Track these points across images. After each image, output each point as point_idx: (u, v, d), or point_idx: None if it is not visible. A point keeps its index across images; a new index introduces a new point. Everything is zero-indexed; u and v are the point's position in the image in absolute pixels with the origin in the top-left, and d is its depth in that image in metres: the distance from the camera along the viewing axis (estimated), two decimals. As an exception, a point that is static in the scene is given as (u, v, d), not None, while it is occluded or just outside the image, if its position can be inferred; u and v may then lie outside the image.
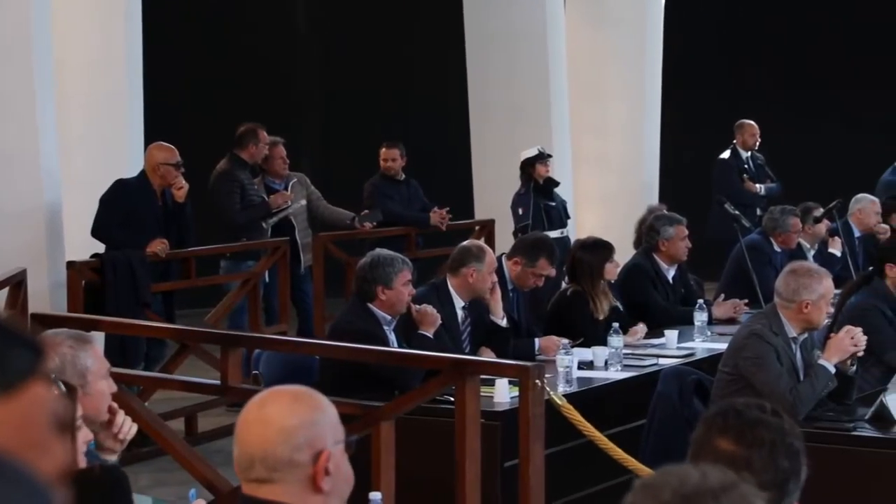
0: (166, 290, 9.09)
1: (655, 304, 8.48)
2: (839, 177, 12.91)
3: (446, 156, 14.40)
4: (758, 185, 12.18)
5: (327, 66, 16.37)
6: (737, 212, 9.35)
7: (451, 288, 7.11)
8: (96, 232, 8.81)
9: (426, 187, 11.59)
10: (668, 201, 10.92)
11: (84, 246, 8.83)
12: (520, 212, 10.68)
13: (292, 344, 6.90)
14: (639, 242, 9.19)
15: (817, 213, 10.08)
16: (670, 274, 8.73)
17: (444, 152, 14.51)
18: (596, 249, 7.91)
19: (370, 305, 6.46)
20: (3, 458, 1.35)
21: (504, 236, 10.89)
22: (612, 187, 13.23)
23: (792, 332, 6.00)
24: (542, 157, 10.84)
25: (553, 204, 10.86)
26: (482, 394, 5.55)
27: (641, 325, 7.93)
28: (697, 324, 8.04)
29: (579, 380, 6.70)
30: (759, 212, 11.67)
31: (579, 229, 12.18)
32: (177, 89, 14.03)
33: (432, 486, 5.78)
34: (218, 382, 6.05)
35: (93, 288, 8.54)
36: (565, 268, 8.22)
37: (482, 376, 5.59)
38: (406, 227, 11.03)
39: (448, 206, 11.49)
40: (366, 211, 10.80)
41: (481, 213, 12.15)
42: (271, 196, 10.22)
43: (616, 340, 7.02)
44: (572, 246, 8.17)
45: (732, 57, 16.68)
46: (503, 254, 8.07)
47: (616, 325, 7.20)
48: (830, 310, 6.34)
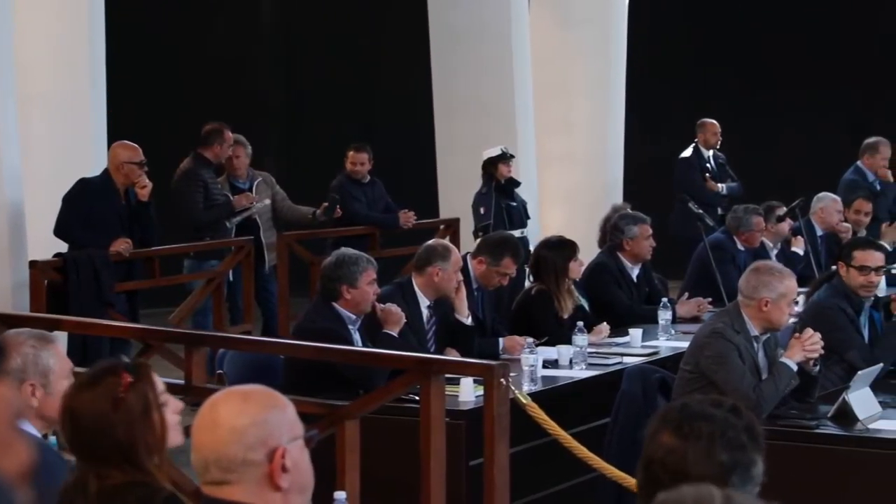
0: (130, 290, 9.04)
1: (620, 303, 8.51)
2: (801, 176, 12.98)
3: (411, 154, 14.39)
4: (719, 185, 12.22)
5: (292, 65, 16.33)
6: (700, 210, 9.39)
7: (416, 287, 7.11)
8: (59, 231, 8.76)
9: (391, 186, 11.58)
10: (632, 200, 10.94)
11: (47, 245, 8.78)
12: (481, 211, 10.68)
13: (256, 343, 6.89)
14: (603, 241, 9.21)
15: (780, 212, 10.13)
16: (634, 273, 8.76)
17: (409, 151, 14.50)
18: (560, 248, 7.93)
19: (335, 305, 6.46)
20: None
21: (469, 235, 10.89)
22: (576, 185, 13.25)
23: (754, 330, 6.03)
24: (505, 157, 10.84)
25: (514, 204, 10.87)
26: (447, 393, 5.55)
27: (605, 325, 7.95)
28: (661, 322, 8.07)
29: (544, 378, 6.71)
30: (720, 211, 11.72)
31: (544, 227, 12.20)
32: (140, 88, 13.96)
33: (397, 486, 5.78)
34: (182, 382, 6.03)
35: (56, 287, 8.49)
36: (529, 266, 8.23)
37: (447, 375, 5.59)
38: (370, 227, 11.01)
39: (413, 204, 11.49)
40: (325, 204, 10.76)
41: (446, 212, 12.15)
42: (235, 196, 10.20)
43: (580, 339, 7.04)
44: (537, 244, 8.17)
45: (696, 56, 16.73)
46: (468, 253, 8.08)
47: (580, 323, 7.22)
48: (794, 310, 6.37)
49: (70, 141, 9.53)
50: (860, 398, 5.70)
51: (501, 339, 7.36)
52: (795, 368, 5.90)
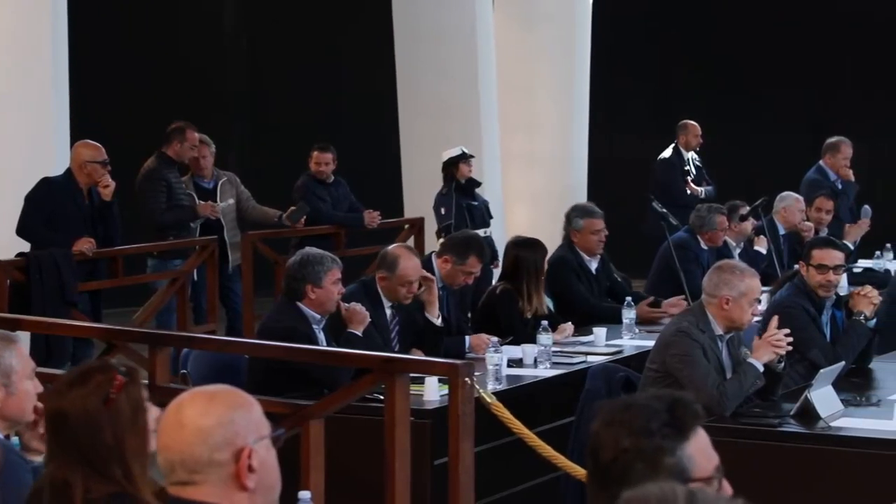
0: (93, 290, 9.01)
1: (580, 296, 8.51)
2: (764, 175, 13.04)
3: (376, 154, 14.39)
4: (699, 188, 12.22)
5: (256, 65, 16.30)
6: (664, 210, 9.42)
7: (378, 287, 7.11)
8: (21, 231, 8.72)
9: (356, 186, 11.58)
10: (596, 199, 10.96)
11: (9, 245, 8.73)
12: (442, 211, 10.67)
13: (220, 343, 6.87)
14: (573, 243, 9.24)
15: (743, 211, 10.18)
16: (593, 266, 8.78)
17: (374, 151, 14.50)
18: (536, 247, 7.98)
19: (299, 304, 6.45)
20: None
21: (433, 235, 10.90)
22: (540, 185, 13.28)
23: (718, 329, 6.05)
24: (465, 157, 10.83)
25: (475, 203, 10.87)
26: (412, 392, 5.55)
27: (569, 324, 7.97)
28: (626, 321, 8.09)
29: (509, 377, 6.72)
30: None
31: (508, 227, 12.22)
32: (104, 88, 13.90)
33: (362, 485, 5.78)
34: (145, 382, 6.00)
35: (18, 287, 8.45)
36: (500, 266, 8.20)
37: (412, 374, 5.59)
38: (335, 226, 11.00)
39: (378, 203, 11.48)
40: (292, 208, 10.76)
41: (411, 212, 12.15)
42: (200, 204, 10.15)
43: (545, 338, 7.05)
44: (507, 244, 8.15)
45: (660, 56, 16.79)
46: (433, 252, 8.08)
47: (545, 322, 7.24)
48: (758, 309, 6.40)
49: (33, 140, 9.48)
50: (822, 396, 5.74)
51: (467, 338, 7.37)
52: (762, 369, 5.93)
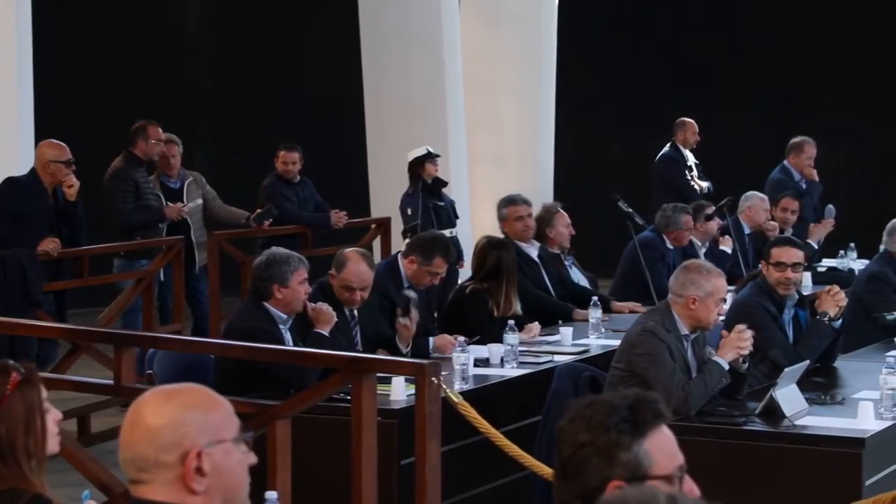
0: (58, 290, 8.97)
1: (523, 287, 8.51)
2: (729, 175, 13.09)
3: (342, 154, 14.37)
4: (704, 184, 12.24)
5: (222, 64, 16.25)
6: (630, 209, 9.45)
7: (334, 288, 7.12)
8: (-15, 230, 8.67)
9: (322, 186, 11.56)
10: (562, 198, 10.99)
11: (-27, 245, 8.67)
12: (408, 212, 10.67)
13: (186, 343, 6.85)
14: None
15: (708, 210, 10.22)
16: (533, 252, 8.82)
17: (340, 151, 14.48)
18: (510, 248, 8.02)
19: (266, 304, 6.44)
20: None
21: (400, 235, 10.89)
22: (507, 184, 13.27)
23: (684, 329, 6.08)
24: (431, 157, 10.82)
25: (442, 203, 10.86)
26: (378, 392, 5.55)
27: (536, 324, 7.99)
28: (592, 321, 8.11)
29: (475, 377, 6.72)
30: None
31: (476, 227, 12.23)
32: (68, 87, 13.84)
33: (329, 485, 5.77)
34: (111, 382, 5.99)
35: (-18, 287, 8.40)
36: (473, 265, 8.18)
37: (378, 374, 5.59)
38: (302, 226, 10.99)
39: (344, 203, 11.47)
40: (259, 210, 10.75)
41: (377, 212, 12.15)
42: (168, 206, 10.12)
43: (512, 338, 7.06)
44: (484, 245, 8.13)
45: (626, 55, 16.84)
46: (399, 252, 8.08)
47: (511, 322, 7.24)
48: (724, 308, 6.43)
49: (-3, 140, 9.43)
50: (787, 395, 5.77)
51: (432, 339, 7.37)
52: (727, 367, 5.96)
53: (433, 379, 5.26)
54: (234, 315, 6.81)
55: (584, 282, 9.35)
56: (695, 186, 12.07)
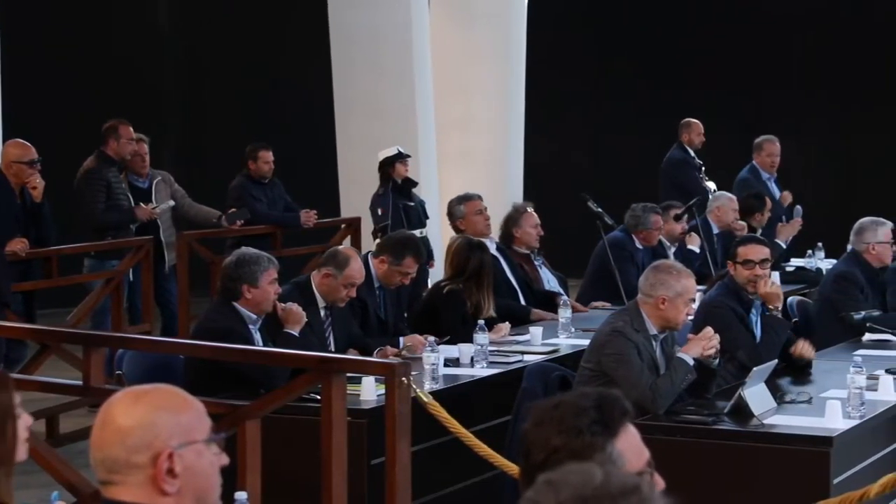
0: (27, 290, 8.93)
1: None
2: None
3: (312, 154, 14.36)
4: (711, 184, 12.24)
5: (191, 63, 16.21)
6: (599, 209, 9.47)
7: (314, 287, 7.11)
8: (-47, 231, 8.63)
9: (292, 186, 11.55)
10: (532, 199, 11.00)
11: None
12: (379, 212, 10.66)
13: (155, 343, 6.83)
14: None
15: (678, 210, 10.25)
16: (492, 247, 8.85)
17: (310, 150, 14.47)
18: (487, 249, 8.05)
19: (235, 304, 6.43)
20: None
21: (370, 235, 10.89)
22: (476, 184, 13.25)
23: (653, 329, 6.10)
24: (401, 157, 10.83)
25: (412, 204, 10.87)
26: (349, 392, 5.55)
27: (506, 323, 8.00)
28: (562, 320, 8.13)
29: (445, 377, 6.73)
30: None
31: (446, 227, 12.22)
32: (38, 86, 13.78)
33: (299, 485, 5.77)
34: (80, 383, 5.97)
35: (-50, 288, 8.35)
36: (452, 266, 8.18)
37: (349, 374, 5.60)
38: (272, 226, 10.97)
39: (314, 203, 11.46)
40: (233, 209, 10.73)
41: (347, 212, 12.14)
42: (139, 208, 10.09)
43: (481, 338, 7.07)
44: (464, 246, 8.14)
45: (597, 55, 16.88)
46: (369, 252, 8.08)
47: (481, 322, 7.26)
48: (693, 308, 6.46)
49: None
50: (755, 394, 5.80)
51: (402, 338, 7.38)
52: (692, 363, 5.99)
53: (403, 379, 5.26)
54: (203, 315, 6.80)
55: (553, 282, 9.37)
56: (705, 187, 12.07)
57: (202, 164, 15.16)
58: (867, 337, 7.78)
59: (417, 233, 10.15)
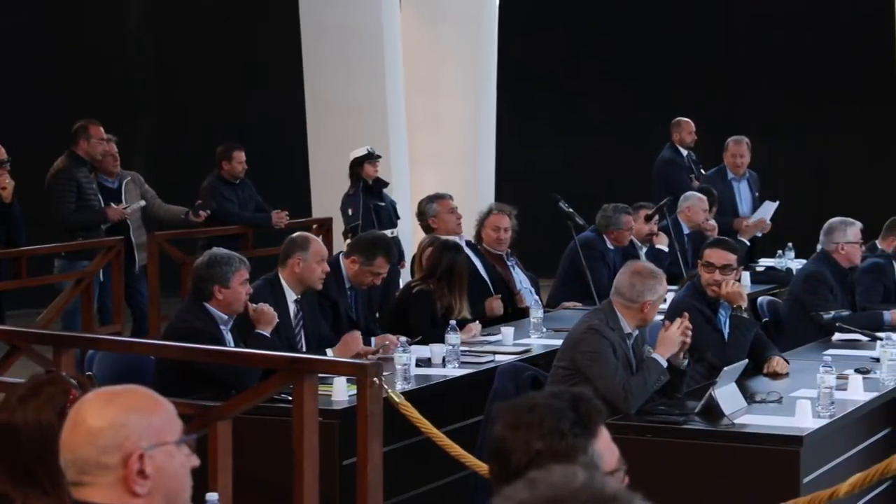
0: (-4, 291, 8.90)
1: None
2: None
3: (283, 153, 14.33)
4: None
5: (162, 62, 16.16)
6: (570, 209, 9.48)
7: (283, 282, 7.10)
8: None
9: (264, 185, 11.53)
10: (504, 199, 11.02)
11: None
12: (349, 212, 10.66)
13: (126, 344, 6.81)
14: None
15: (648, 211, 10.27)
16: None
17: (281, 150, 14.44)
18: (460, 250, 8.04)
19: (207, 305, 6.41)
20: None
21: (341, 235, 10.88)
22: (448, 184, 13.26)
23: (628, 328, 6.13)
24: (372, 157, 10.82)
25: (382, 204, 10.86)
26: (320, 392, 5.54)
27: (477, 323, 8.00)
28: (533, 320, 8.14)
29: (417, 377, 6.73)
30: None
31: (417, 227, 12.21)
32: (6, 85, 13.71)
33: (270, 486, 5.76)
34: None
35: (-81, 289, 8.32)
36: (422, 266, 8.18)
37: (320, 375, 5.59)
38: (243, 227, 10.95)
39: (285, 203, 11.45)
40: (199, 202, 10.71)
41: (319, 212, 12.12)
42: (110, 208, 10.06)
43: (453, 338, 7.07)
44: (437, 247, 8.14)
45: (567, 55, 16.91)
46: (340, 252, 8.07)
47: (453, 322, 7.26)
48: (663, 306, 6.50)
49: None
50: (726, 394, 5.82)
51: (374, 338, 7.38)
52: (665, 364, 6.01)
53: (375, 379, 5.26)
54: (174, 316, 6.78)
55: (526, 282, 9.38)
56: (694, 187, 12.06)
57: (173, 164, 15.11)
58: (837, 336, 7.81)
59: (388, 233, 10.16)
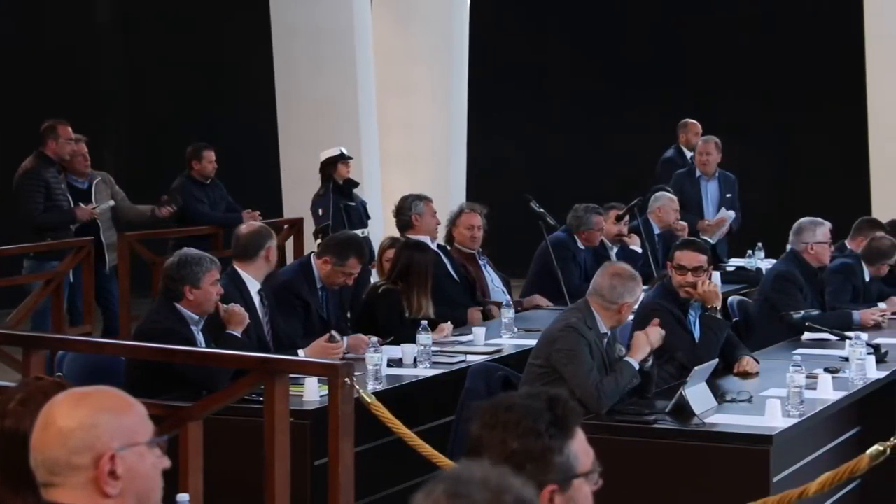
0: (-35, 292, 8.85)
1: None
2: (640, 175, 13.20)
3: (254, 153, 14.30)
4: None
5: (131, 61, 16.10)
6: (542, 210, 9.50)
7: (243, 274, 7.09)
8: None
9: (234, 185, 11.51)
10: (475, 199, 11.02)
11: None
12: (320, 212, 10.64)
13: (96, 345, 6.78)
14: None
15: (619, 211, 10.30)
16: (433, 245, 8.88)
17: (252, 150, 14.41)
18: (426, 250, 8.04)
19: (177, 305, 6.40)
20: None
21: (311, 235, 10.87)
22: (419, 185, 13.27)
23: (603, 328, 6.15)
24: (344, 158, 10.82)
25: (353, 204, 10.85)
26: (291, 393, 5.54)
27: (448, 324, 8.01)
28: (505, 320, 8.15)
29: (388, 377, 6.73)
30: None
31: (388, 227, 12.22)
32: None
33: (242, 487, 5.75)
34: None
35: None
36: (392, 267, 8.18)
37: (292, 375, 5.58)
38: (213, 227, 10.93)
39: (256, 203, 11.42)
40: (164, 197, 10.69)
41: (290, 212, 12.11)
42: (79, 208, 10.03)
43: (424, 338, 7.08)
44: (399, 246, 8.15)
45: (537, 56, 16.93)
46: (312, 252, 8.07)
47: (424, 322, 7.27)
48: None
49: None
50: (697, 393, 5.84)
51: (346, 338, 7.37)
52: (637, 367, 6.03)
53: (346, 379, 5.26)
54: (145, 316, 6.76)
55: (497, 282, 9.40)
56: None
57: (143, 164, 15.06)
58: (806, 336, 7.85)
59: (359, 233, 10.15)
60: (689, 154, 12.38)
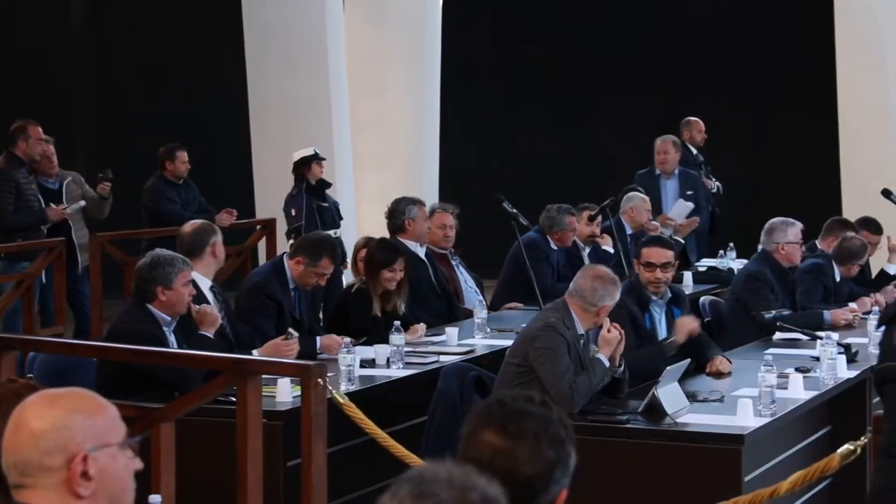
0: (-65, 293, 8.81)
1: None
2: (612, 175, 13.24)
3: (226, 154, 14.28)
4: (712, 183, 12.24)
5: (103, 62, 16.05)
6: (514, 210, 9.51)
7: (192, 274, 7.05)
8: None
9: (207, 186, 11.48)
10: (448, 199, 11.02)
11: None
12: (292, 213, 10.62)
13: (67, 346, 6.76)
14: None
15: (591, 211, 10.31)
16: (420, 252, 8.87)
17: (224, 150, 14.39)
18: (397, 250, 8.04)
19: (149, 306, 6.38)
20: None
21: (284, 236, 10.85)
22: (392, 185, 13.30)
23: (581, 329, 6.17)
24: (317, 158, 10.80)
25: (325, 205, 10.83)
26: (264, 393, 5.53)
27: (422, 324, 8.02)
28: (477, 321, 8.16)
29: (361, 378, 6.73)
30: (710, 209, 11.86)
31: (361, 227, 12.22)
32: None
33: (214, 488, 5.74)
34: None
35: None
36: (361, 267, 8.17)
37: (264, 376, 5.58)
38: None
39: (229, 204, 11.39)
40: (100, 174, 10.68)
41: (262, 212, 12.09)
42: (49, 209, 9.99)
43: (397, 338, 7.08)
44: (371, 246, 8.13)
45: (509, 56, 16.94)
46: (285, 253, 8.06)
47: (397, 323, 7.27)
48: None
49: None
50: (669, 393, 5.86)
51: (319, 339, 7.37)
52: (608, 364, 6.05)
53: (319, 380, 5.26)
54: (117, 317, 6.74)
55: (470, 282, 9.41)
56: (705, 187, 12.06)
57: (115, 164, 14.98)
58: (777, 336, 7.88)
59: (332, 233, 10.14)
60: (693, 151, 12.35)
